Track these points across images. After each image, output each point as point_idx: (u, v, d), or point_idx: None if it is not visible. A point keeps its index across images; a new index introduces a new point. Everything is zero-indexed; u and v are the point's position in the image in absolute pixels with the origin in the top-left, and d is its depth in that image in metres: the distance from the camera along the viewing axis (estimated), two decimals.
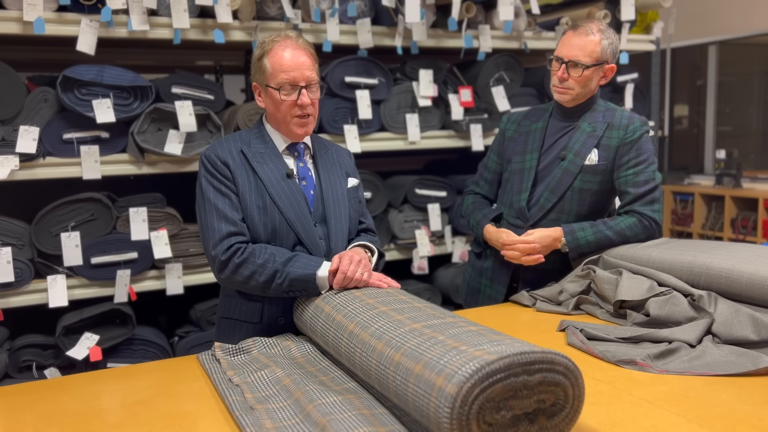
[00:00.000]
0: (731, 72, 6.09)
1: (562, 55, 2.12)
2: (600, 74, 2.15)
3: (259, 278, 1.69)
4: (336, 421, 1.21)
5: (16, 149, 2.35)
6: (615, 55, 2.16)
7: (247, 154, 1.78)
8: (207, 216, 1.74)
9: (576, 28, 2.13)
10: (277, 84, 1.74)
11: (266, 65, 1.75)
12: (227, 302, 1.85)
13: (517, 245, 2.12)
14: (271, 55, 1.74)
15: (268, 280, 1.69)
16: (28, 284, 2.45)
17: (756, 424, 1.24)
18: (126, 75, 2.47)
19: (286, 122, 1.79)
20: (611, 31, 2.14)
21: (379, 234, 3.05)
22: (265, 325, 1.80)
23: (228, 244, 1.70)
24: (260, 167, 1.77)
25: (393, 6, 2.83)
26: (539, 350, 1.08)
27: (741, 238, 5.15)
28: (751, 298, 1.72)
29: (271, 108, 1.79)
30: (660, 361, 1.53)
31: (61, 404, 1.44)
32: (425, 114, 3.05)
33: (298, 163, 1.84)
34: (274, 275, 1.68)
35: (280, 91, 1.74)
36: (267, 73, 1.75)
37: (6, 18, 2.31)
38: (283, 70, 1.72)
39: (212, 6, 2.55)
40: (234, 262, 1.69)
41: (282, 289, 1.70)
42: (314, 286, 1.68)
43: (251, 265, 1.69)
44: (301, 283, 1.68)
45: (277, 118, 1.80)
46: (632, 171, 2.11)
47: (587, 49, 2.09)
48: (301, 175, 1.83)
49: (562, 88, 2.15)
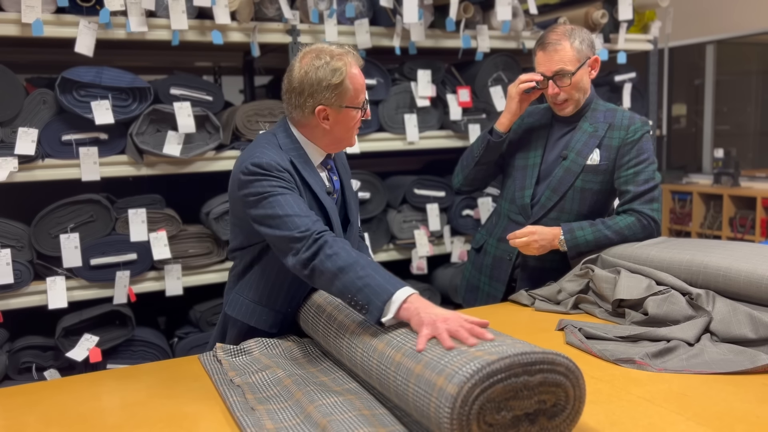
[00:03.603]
0: (729, 71, 6.10)
1: (545, 72, 2.14)
2: (587, 71, 2.16)
3: (338, 261, 1.48)
4: (337, 422, 1.21)
5: (14, 151, 2.34)
6: (592, 47, 2.17)
7: (297, 166, 1.69)
8: (281, 206, 1.57)
9: (544, 46, 2.13)
10: (359, 103, 1.70)
11: (348, 87, 1.66)
12: (245, 305, 1.79)
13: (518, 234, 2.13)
14: (350, 77, 1.66)
15: (345, 266, 1.47)
16: (27, 286, 2.45)
17: (754, 421, 1.24)
18: (124, 76, 2.47)
19: (351, 138, 1.75)
20: (578, 29, 2.15)
21: (378, 234, 3.06)
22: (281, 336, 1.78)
23: (322, 227, 1.56)
24: (310, 180, 1.70)
25: (391, 6, 2.83)
26: (540, 351, 1.09)
27: (739, 236, 5.16)
28: (748, 296, 1.73)
29: (342, 129, 1.71)
30: (658, 359, 1.54)
31: (61, 405, 1.44)
32: (423, 114, 3.05)
33: (332, 177, 1.81)
34: (354, 265, 1.47)
35: (364, 110, 1.72)
36: (348, 95, 1.67)
37: (4, 20, 2.31)
38: (363, 90, 1.71)
39: (210, 7, 2.55)
40: (325, 239, 1.52)
41: (354, 286, 1.44)
42: (384, 299, 1.40)
43: (338, 247, 1.50)
44: (373, 290, 1.42)
45: (342, 136, 1.73)
46: (632, 170, 2.12)
47: (565, 58, 2.10)
48: (335, 189, 1.82)
49: (560, 104, 2.18)
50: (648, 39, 3.54)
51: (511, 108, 2.22)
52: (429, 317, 1.30)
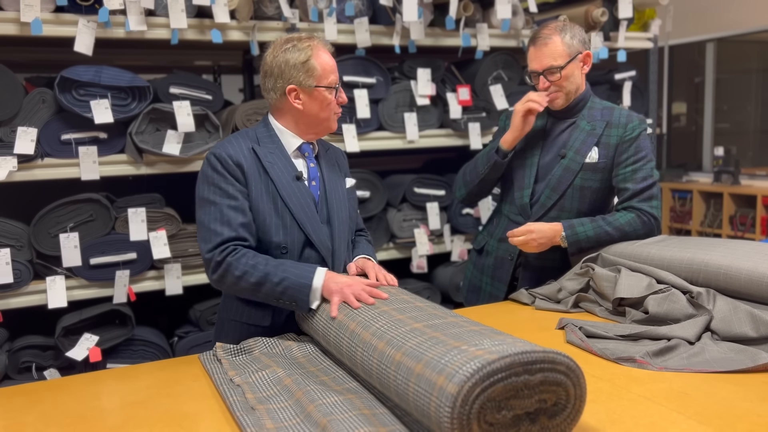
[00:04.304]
0: (729, 69, 6.09)
1: (536, 68, 2.17)
2: (579, 65, 2.17)
3: (250, 279, 1.66)
4: (337, 422, 1.21)
5: (14, 150, 2.34)
6: (584, 43, 2.18)
7: (258, 153, 1.76)
8: (208, 217, 1.71)
9: (535, 41, 2.17)
10: (329, 84, 1.77)
11: (315, 67, 1.74)
12: (235, 306, 1.83)
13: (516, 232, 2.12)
14: (316, 56, 1.75)
15: (259, 282, 1.66)
16: (27, 285, 2.45)
17: (755, 420, 1.24)
18: (124, 75, 2.47)
19: (328, 120, 1.81)
20: (569, 25, 2.17)
21: (378, 233, 3.05)
22: (275, 330, 1.80)
23: (225, 247, 1.68)
24: (271, 168, 1.76)
25: (391, 5, 2.83)
26: (541, 350, 1.09)
27: (739, 235, 5.16)
28: (749, 294, 1.73)
29: (314, 109, 1.78)
30: (659, 358, 1.54)
31: (61, 405, 1.44)
32: (423, 113, 3.05)
33: (308, 164, 1.84)
34: (266, 277, 1.66)
35: (337, 91, 1.79)
36: (316, 75, 1.75)
37: (3, 19, 2.31)
38: (333, 71, 1.78)
39: (210, 6, 2.55)
40: (227, 261, 1.67)
41: (275, 294, 1.67)
42: (306, 293, 1.64)
43: (242, 266, 1.67)
44: (295, 288, 1.65)
45: (318, 117, 1.79)
46: (631, 168, 2.12)
47: (555, 53, 2.12)
48: (311, 176, 1.83)
49: (550, 96, 2.17)
50: (648, 37, 3.54)
51: (516, 124, 2.20)
52: (337, 286, 1.61)
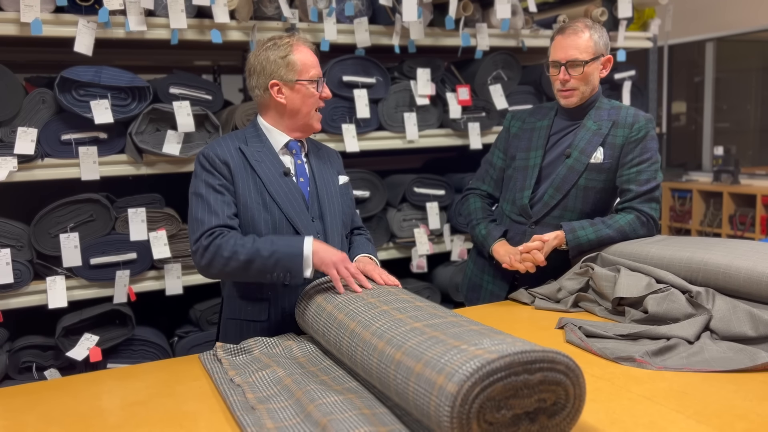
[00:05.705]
0: (729, 68, 6.09)
1: (559, 59, 2.13)
2: (599, 68, 2.16)
3: (240, 257, 1.67)
4: (337, 421, 1.21)
5: (14, 150, 2.34)
6: (608, 47, 2.18)
7: (245, 153, 1.80)
8: (196, 209, 1.74)
9: (563, 30, 2.14)
10: (310, 77, 1.81)
11: (295, 61, 1.79)
12: (232, 303, 1.86)
13: (532, 248, 2.09)
14: (297, 51, 1.79)
15: (249, 258, 1.67)
16: (27, 285, 2.45)
17: (754, 419, 1.24)
18: (124, 76, 2.47)
19: (308, 116, 1.84)
20: (598, 25, 2.16)
21: (378, 233, 3.06)
22: (273, 323, 1.82)
23: (211, 231, 1.71)
24: (258, 165, 1.80)
25: (390, 5, 2.83)
26: (540, 349, 1.09)
27: (739, 234, 5.16)
28: (748, 294, 1.73)
29: (297, 103, 1.81)
30: (658, 357, 1.54)
31: (62, 405, 1.44)
32: (423, 113, 3.05)
33: (296, 161, 1.87)
34: (257, 252, 1.67)
35: (318, 85, 1.82)
36: (297, 69, 1.79)
37: (3, 19, 2.31)
38: (314, 66, 1.82)
39: (209, 6, 2.55)
40: (215, 243, 1.69)
41: (267, 268, 1.67)
42: (299, 262, 1.66)
43: (230, 246, 1.68)
44: (287, 259, 1.66)
45: (300, 112, 1.82)
46: (635, 169, 2.11)
47: (581, 47, 2.10)
48: (299, 172, 1.86)
49: (566, 92, 2.15)
50: (647, 36, 3.54)
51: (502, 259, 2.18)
52: (330, 258, 1.66)
